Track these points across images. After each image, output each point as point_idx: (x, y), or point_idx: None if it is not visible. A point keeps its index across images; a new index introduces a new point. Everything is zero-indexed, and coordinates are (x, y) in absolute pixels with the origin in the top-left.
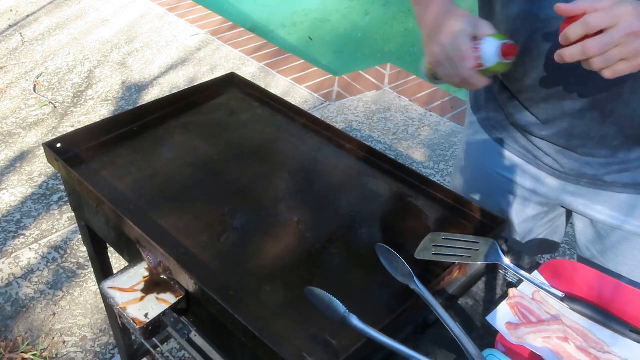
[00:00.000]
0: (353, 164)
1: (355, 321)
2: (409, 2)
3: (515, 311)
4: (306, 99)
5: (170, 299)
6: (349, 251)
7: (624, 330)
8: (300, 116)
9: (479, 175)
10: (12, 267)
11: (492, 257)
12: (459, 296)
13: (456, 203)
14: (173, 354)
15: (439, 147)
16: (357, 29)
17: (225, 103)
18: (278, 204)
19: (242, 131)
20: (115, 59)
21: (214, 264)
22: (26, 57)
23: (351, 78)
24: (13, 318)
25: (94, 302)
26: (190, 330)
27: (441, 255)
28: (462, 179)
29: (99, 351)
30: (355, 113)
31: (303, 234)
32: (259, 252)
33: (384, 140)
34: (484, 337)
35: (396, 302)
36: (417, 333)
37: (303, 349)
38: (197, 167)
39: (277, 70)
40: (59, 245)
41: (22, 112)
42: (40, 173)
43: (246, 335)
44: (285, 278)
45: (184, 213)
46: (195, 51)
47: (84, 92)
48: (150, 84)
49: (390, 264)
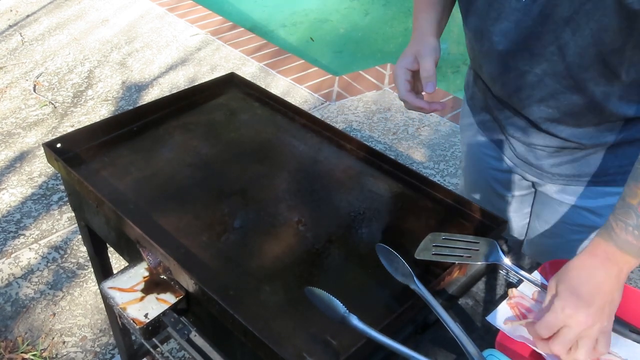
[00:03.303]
0: (353, 164)
1: (355, 321)
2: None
3: (515, 311)
4: (306, 99)
5: (170, 299)
6: (349, 251)
7: (624, 330)
8: (300, 116)
9: (479, 176)
10: (12, 267)
11: (492, 257)
12: (459, 296)
13: (456, 203)
14: (173, 354)
15: (439, 147)
16: (357, 29)
17: (225, 103)
18: (278, 204)
19: (242, 131)
20: (115, 59)
21: (214, 264)
22: (26, 57)
23: (351, 78)
24: (13, 318)
25: (94, 302)
26: (190, 330)
27: (441, 255)
28: (469, 178)
29: (99, 351)
30: (355, 113)
31: (303, 234)
32: (259, 252)
33: (384, 140)
34: (484, 337)
35: (396, 302)
36: (417, 333)
37: (303, 349)
38: (197, 167)
39: (277, 70)
40: (59, 245)
41: (22, 112)
42: (40, 173)
43: (246, 335)
44: (285, 278)
45: (184, 213)
46: (195, 51)
47: (84, 92)
48: (150, 84)
49: (390, 264)
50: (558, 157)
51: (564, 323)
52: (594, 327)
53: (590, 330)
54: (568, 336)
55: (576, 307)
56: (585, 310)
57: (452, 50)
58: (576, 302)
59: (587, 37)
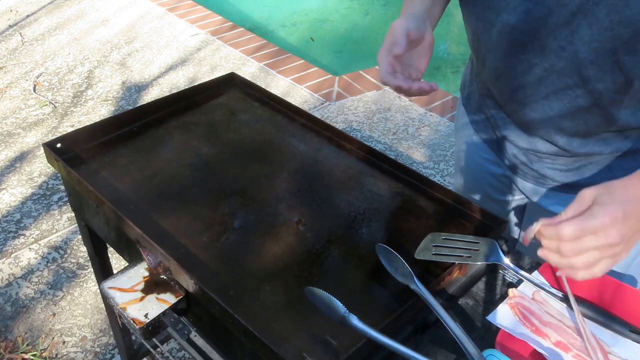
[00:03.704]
0: (353, 164)
1: (355, 321)
2: None
3: (515, 311)
4: (306, 99)
5: (170, 299)
6: (349, 251)
7: (624, 331)
8: (300, 116)
9: (473, 177)
10: (12, 267)
11: (492, 257)
12: (459, 296)
13: (456, 203)
14: (173, 354)
15: (439, 147)
16: (357, 29)
17: (225, 103)
18: (278, 204)
19: (242, 131)
20: (115, 59)
21: (214, 264)
22: (26, 57)
23: (351, 78)
24: (13, 318)
25: (94, 302)
26: (190, 330)
27: (441, 255)
28: (463, 179)
29: (99, 351)
30: (355, 113)
31: (303, 234)
32: (258, 252)
33: (384, 140)
34: (484, 337)
35: (396, 302)
36: (417, 333)
37: (303, 349)
38: (197, 167)
39: (277, 70)
40: (59, 245)
41: (22, 112)
42: (40, 173)
43: (246, 335)
44: (285, 278)
45: (184, 213)
46: (195, 51)
47: (84, 92)
48: (150, 84)
49: (390, 264)
50: (553, 163)
51: (594, 230)
52: (616, 248)
53: (612, 249)
54: (589, 243)
55: (615, 219)
56: (620, 226)
57: (452, 50)
58: (616, 215)
59: (606, 30)
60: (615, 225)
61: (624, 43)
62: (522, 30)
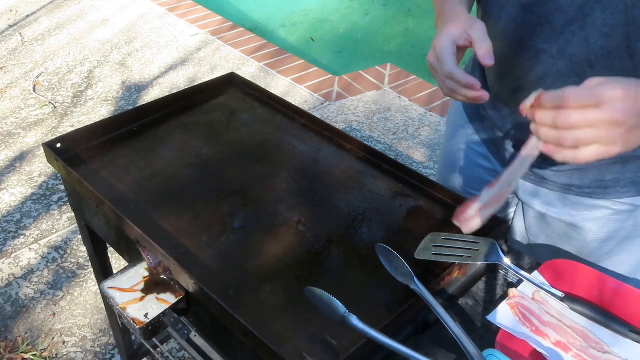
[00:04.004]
0: (353, 164)
1: (355, 321)
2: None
3: (515, 311)
4: (306, 99)
5: (170, 299)
6: (349, 251)
7: (624, 331)
8: (300, 116)
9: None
10: (12, 267)
11: (492, 257)
12: (459, 296)
13: (456, 203)
14: (173, 354)
15: (439, 147)
16: (357, 29)
17: (225, 103)
18: (278, 204)
19: (242, 131)
20: (115, 59)
21: (214, 264)
22: (26, 57)
23: (351, 78)
24: (13, 318)
25: (94, 302)
26: (190, 330)
27: (441, 255)
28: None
29: (99, 351)
30: (355, 113)
31: (303, 234)
32: (259, 252)
33: (384, 140)
34: (484, 337)
35: (396, 302)
36: (417, 333)
37: (303, 349)
38: (197, 167)
39: (277, 70)
40: (59, 245)
41: (22, 112)
42: (40, 173)
43: (246, 335)
44: (285, 278)
45: (184, 213)
46: (195, 51)
47: (84, 92)
48: (150, 84)
49: (390, 264)
50: (553, 165)
51: (601, 101)
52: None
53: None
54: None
55: (627, 95)
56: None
57: None
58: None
59: (620, 14)
60: (626, 101)
61: (638, 27)
62: (533, 11)
